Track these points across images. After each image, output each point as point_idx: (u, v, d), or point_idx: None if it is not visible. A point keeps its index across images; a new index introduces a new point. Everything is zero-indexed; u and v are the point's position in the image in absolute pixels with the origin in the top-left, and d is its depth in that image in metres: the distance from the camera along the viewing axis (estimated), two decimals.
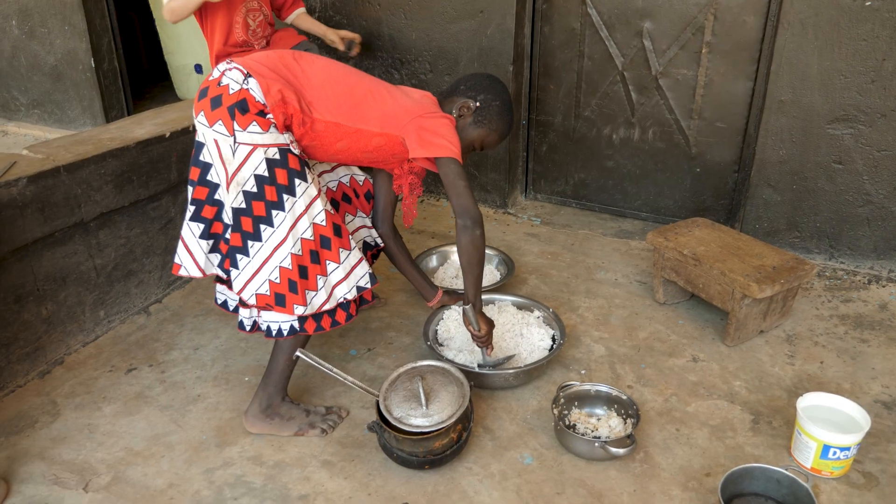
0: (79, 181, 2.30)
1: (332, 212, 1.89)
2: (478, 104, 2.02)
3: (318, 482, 1.85)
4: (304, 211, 1.81)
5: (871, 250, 2.86)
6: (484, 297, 2.49)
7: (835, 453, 1.82)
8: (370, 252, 2.31)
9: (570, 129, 3.41)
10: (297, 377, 2.25)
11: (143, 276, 2.63)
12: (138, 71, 5.62)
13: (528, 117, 3.47)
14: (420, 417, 1.83)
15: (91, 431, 2.04)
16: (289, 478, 1.87)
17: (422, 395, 1.87)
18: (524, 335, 2.29)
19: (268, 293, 1.83)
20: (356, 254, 1.92)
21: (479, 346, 2.12)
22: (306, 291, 1.83)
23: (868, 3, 2.54)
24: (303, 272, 1.82)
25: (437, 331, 2.38)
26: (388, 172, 2.19)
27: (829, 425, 1.87)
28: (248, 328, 1.99)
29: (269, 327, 1.92)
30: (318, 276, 1.85)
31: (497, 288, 2.63)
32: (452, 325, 2.36)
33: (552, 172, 3.56)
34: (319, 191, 1.86)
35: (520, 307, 2.44)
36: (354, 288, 1.91)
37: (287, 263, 1.81)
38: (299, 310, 1.83)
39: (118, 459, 1.93)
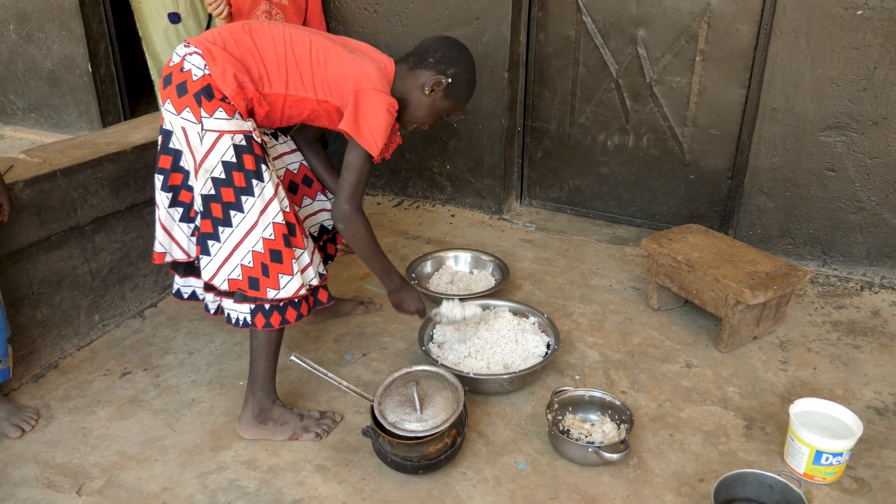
0: (75, 185, 2.31)
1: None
2: (450, 80, 1.97)
3: (312, 487, 1.85)
4: (273, 196, 1.82)
5: (863, 257, 2.88)
6: (480, 302, 2.49)
7: (827, 459, 1.83)
8: (326, 236, 2.33)
9: (565, 135, 3.43)
10: (292, 382, 2.25)
11: (138, 280, 2.63)
12: (135, 76, 5.62)
13: (523, 124, 3.48)
14: (414, 422, 1.83)
15: (85, 435, 2.03)
16: (283, 482, 1.87)
17: (416, 400, 1.87)
18: (519, 341, 2.30)
19: (240, 277, 1.85)
20: (311, 241, 1.97)
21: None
22: (279, 275, 1.85)
23: (859, 13, 2.57)
24: (276, 256, 1.83)
25: (432, 335, 2.39)
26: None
27: (821, 431, 1.88)
28: (212, 311, 2.04)
29: (229, 315, 1.95)
30: (293, 261, 1.86)
31: (492, 293, 2.64)
32: (448, 330, 2.37)
33: (547, 179, 3.57)
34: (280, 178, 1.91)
35: (515, 313, 2.44)
36: (317, 275, 1.94)
37: (259, 248, 1.82)
38: (272, 293, 1.85)
39: (112, 463, 1.93)
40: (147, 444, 2.00)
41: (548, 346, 2.32)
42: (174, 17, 4.01)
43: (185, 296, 2.14)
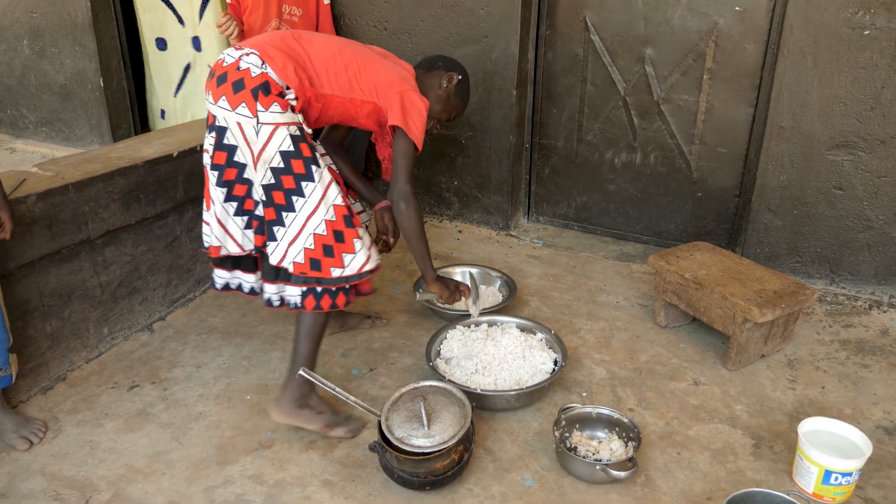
0: (87, 199, 2.33)
1: None
2: (460, 77, 2.22)
3: (319, 502, 1.85)
4: (331, 179, 1.94)
5: (871, 276, 2.87)
6: (487, 318, 2.50)
7: (836, 479, 1.81)
8: None
9: (572, 152, 3.44)
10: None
11: (147, 294, 2.65)
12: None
13: (531, 141, 3.50)
14: (422, 438, 1.83)
15: (92, 448, 2.04)
16: (289, 497, 1.86)
17: (423, 415, 1.87)
18: (526, 357, 2.30)
19: (303, 261, 1.93)
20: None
21: (448, 305, 2.45)
22: (343, 254, 1.93)
23: (867, 33, 2.58)
24: (339, 236, 1.93)
25: (439, 351, 2.39)
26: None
27: (830, 450, 1.87)
28: (276, 304, 2.09)
29: (290, 301, 2.03)
30: (355, 239, 1.94)
31: (499, 310, 2.64)
32: (455, 346, 2.37)
33: (554, 195, 3.58)
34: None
35: (522, 329, 2.45)
36: (377, 256, 2.03)
37: (322, 230, 1.91)
38: (336, 272, 1.93)
39: (119, 476, 1.93)
40: (154, 457, 2.01)
41: (555, 362, 2.31)
42: (186, 70, 4.17)
43: (233, 287, 2.22)
